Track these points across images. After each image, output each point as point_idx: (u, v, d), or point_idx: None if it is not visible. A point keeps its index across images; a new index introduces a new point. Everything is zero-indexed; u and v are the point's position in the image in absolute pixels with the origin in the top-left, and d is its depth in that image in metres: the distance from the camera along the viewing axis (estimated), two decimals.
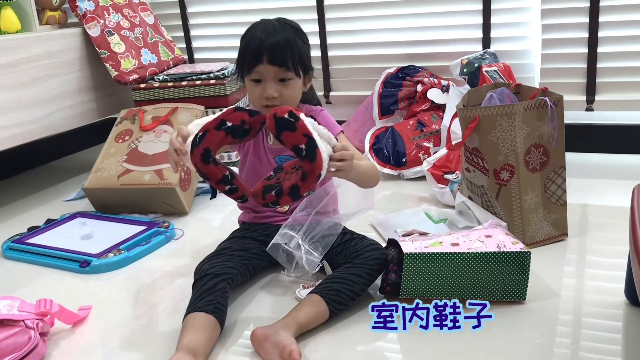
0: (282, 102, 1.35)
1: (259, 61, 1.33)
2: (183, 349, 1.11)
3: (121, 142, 2.03)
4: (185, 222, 1.87)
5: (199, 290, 1.25)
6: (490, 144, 1.47)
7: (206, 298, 1.22)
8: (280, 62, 1.33)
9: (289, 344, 1.09)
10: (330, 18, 2.54)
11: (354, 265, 1.29)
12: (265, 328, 1.15)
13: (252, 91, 1.38)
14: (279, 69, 1.33)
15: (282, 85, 1.35)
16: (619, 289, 1.26)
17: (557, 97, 1.48)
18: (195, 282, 1.30)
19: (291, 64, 1.34)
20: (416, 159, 2.13)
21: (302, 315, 1.18)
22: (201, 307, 1.20)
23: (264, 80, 1.35)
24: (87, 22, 2.31)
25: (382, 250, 1.34)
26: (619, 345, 1.12)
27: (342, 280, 1.26)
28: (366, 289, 1.29)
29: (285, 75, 1.34)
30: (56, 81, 2.21)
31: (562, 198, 1.53)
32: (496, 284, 1.25)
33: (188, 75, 2.34)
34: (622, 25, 2.10)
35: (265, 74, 1.34)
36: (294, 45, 1.35)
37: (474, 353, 1.11)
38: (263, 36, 1.33)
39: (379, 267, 1.31)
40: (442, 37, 2.39)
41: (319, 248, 1.34)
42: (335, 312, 1.23)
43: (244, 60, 1.36)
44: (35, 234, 1.80)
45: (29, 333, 1.16)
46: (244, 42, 1.38)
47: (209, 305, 1.21)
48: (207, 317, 1.19)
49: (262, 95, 1.35)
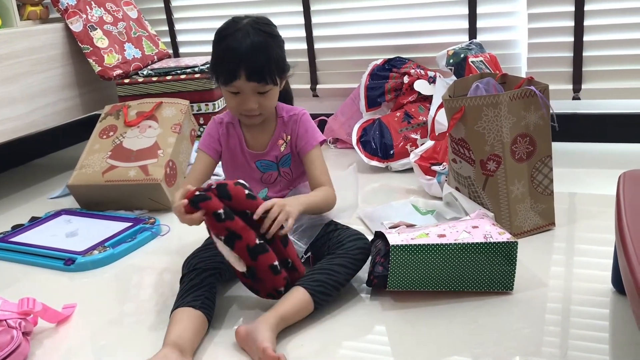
0: (261, 112, 1.37)
1: (237, 77, 1.30)
2: (170, 345, 1.10)
3: (105, 138, 2.01)
4: (171, 218, 1.85)
5: (187, 285, 1.24)
6: (477, 135, 1.47)
7: (194, 293, 1.21)
8: (258, 77, 1.31)
9: (261, 341, 1.07)
10: (316, 10, 2.52)
11: (337, 255, 1.29)
12: (247, 325, 1.14)
13: (230, 100, 1.37)
14: (257, 84, 1.32)
15: (261, 97, 1.35)
16: (606, 277, 1.26)
17: (543, 86, 1.48)
18: (183, 276, 1.29)
19: (269, 78, 1.32)
20: (403, 151, 2.13)
21: (284, 309, 1.17)
22: (189, 302, 1.19)
23: (242, 93, 1.34)
24: (69, 17, 2.28)
25: (365, 240, 1.33)
26: (607, 333, 1.12)
27: (325, 271, 1.25)
28: (350, 278, 1.29)
29: (264, 89, 1.33)
30: (38, 77, 2.18)
31: (549, 188, 1.53)
32: (483, 275, 1.24)
33: (173, 70, 2.32)
34: (608, 13, 2.10)
35: (243, 88, 1.33)
36: (271, 57, 1.32)
37: (463, 344, 1.11)
38: (239, 48, 1.29)
39: (362, 257, 1.30)
40: (428, 28, 2.38)
41: (303, 238, 1.34)
42: (320, 303, 1.21)
43: (220, 71, 1.33)
44: (19, 232, 1.77)
45: (12, 333, 1.14)
46: (219, 50, 1.34)
47: (196, 301, 1.20)
48: (194, 312, 1.17)
49: (240, 106, 1.35)
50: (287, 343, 1.15)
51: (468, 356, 1.08)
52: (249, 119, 1.40)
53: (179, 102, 2.08)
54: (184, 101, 2.10)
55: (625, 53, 2.10)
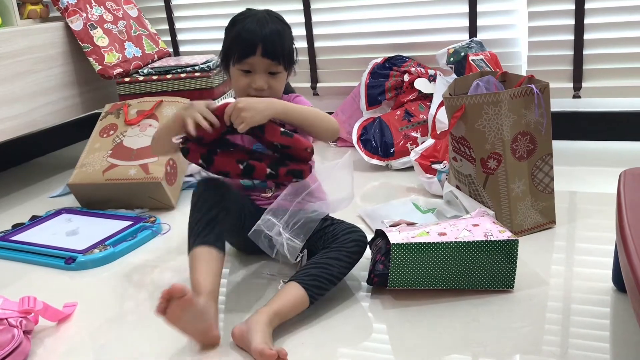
0: (270, 94, 1.37)
1: (252, 53, 1.34)
2: (205, 294, 1.15)
3: (106, 137, 2.01)
4: (172, 216, 1.86)
5: (205, 218, 1.26)
6: (477, 133, 1.46)
7: (215, 230, 1.24)
8: (273, 55, 1.35)
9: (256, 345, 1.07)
10: (316, 8, 2.52)
11: (331, 249, 1.28)
12: (241, 325, 1.14)
13: (239, 80, 1.38)
14: (271, 62, 1.35)
15: (271, 78, 1.37)
16: (607, 275, 1.26)
17: (544, 84, 1.47)
18: (195, 205, 1.30)
19: (282, 58, 1.36)
20: (404, 149, 2.12)
21: (278, 304, 1.16)
22: (212, 242, 1.23)
23: (254, 71, 1.36)
24: (69, 16, 2.28)
25: (359, 233, 1.33)
26: (607, 331, 1.12)
27: (319, 265, 1.25)
28: (347, 272, 1.28)
29: (275, 69, 1.37)
30: (39, 76, 2.18)
31: (549, 186, 1.53)
32: (484, 273, 1.24)
33: (173, 69, 2.31)
34: (608, 11, 2.10)
35: (256, 65, 1.35)
36: (285, 40, 1.37)
37: (463, 343, 1.11)
38: (257, 28, 1.34)
39: (357, 249, 1.30)
40: (428, 26, 2.38)
41: (300, 235, 1.34)
42: (316, 298, 1.21)
43: (234, 50, 1.36)
44: (19, 231, 1.77)
45: (12, 331, 1.14)
46: (234, 32, 1.37)
47: (219, 241, 1.24)
48: (218, 253, 1.22)
49: (250, 85, 1.37)
50: (287, 341, 1.15)
51: (469, 354, 1.08)
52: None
53: (180, 101, 2.08)
54: (184, 100, 2.09)
55: (626, 51, 2.10)
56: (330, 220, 1.41)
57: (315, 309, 1.23)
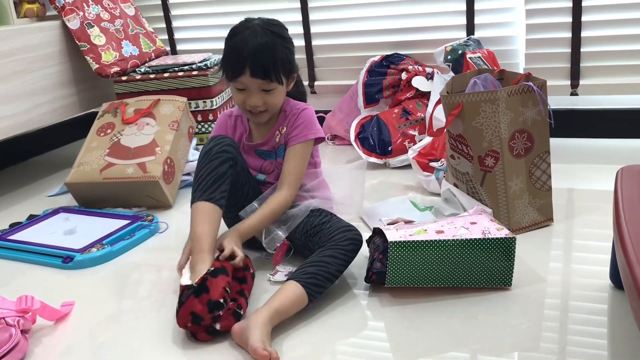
0: (266, 109, 1.40)
1: (241, 73, 1.35)
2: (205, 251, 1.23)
3: (103, 136, 2.00)
4: (169, 215, 1.85)
5: (215, 172, 1.31)
6: (475, 131, 1.46)
7: (221, 187, 1.31)
8: (263, 74, 1.35)
9: (252, 342, 1.08)
10: (314, 7, 2.51)
11: (327, 247, 1.29)
12: (241, 323, 1.15)
13: (235, 96, 1.43)
14: (262, 81, 1.36)
15: (266, 94, 1.38)
16: (604, 272, 1.26)
17: (541, 81, 1.47)
18: (205, 156, 1.34)
19: (274, 76, 1.36)
20: (402, 147, 2.12)
21: (277, 302, 1.17)
22: (217, 200, 1.30)
23: (247, 90, 1.38)
24: (66, 15, 2.27)
25: (355, 231, 1.33)
26: (605, 328, 1.13)
27: (315, 263, 1.25)
28: (343, 270, 1.29)
29: (268, 87, 1.37)
30: (35, 75, 2.18)
31: (547, 183, 1.53)
32: (482, 271, 1.24)
33: (170, 67, 2.31)
34: (606, 9, 2.10)
35: (248, 84, 1.37)
36: (277, 55, 1.36)
37: (462, 340, 1.11)
38: (245, 46, 1.34)
39: (352, 247, 1.30)
40: (426, 24, 2.38)
41: (281, 227, 1.38)
42: (314, 295, 1.22)
43: (226, 68, 1.39)
44: (17, 230, 1.77)
45: (10, 330, 1.14)
46: (228, 47, 1.39)
47: (223, 199, 1.31)
48: (220, 210, 1.30)
49: (245, 102, 1.40)
50: (285, 339, 1.15)
51: (467, 352, 1.08)
52: (254, 116, 1.44)
53: (177, 100, 2.08)
54: (181, 98, 2.09)
55: (623, 49, 2.10)
56: (330, 216, 1.41)
57: (313, 306, 1.23)
